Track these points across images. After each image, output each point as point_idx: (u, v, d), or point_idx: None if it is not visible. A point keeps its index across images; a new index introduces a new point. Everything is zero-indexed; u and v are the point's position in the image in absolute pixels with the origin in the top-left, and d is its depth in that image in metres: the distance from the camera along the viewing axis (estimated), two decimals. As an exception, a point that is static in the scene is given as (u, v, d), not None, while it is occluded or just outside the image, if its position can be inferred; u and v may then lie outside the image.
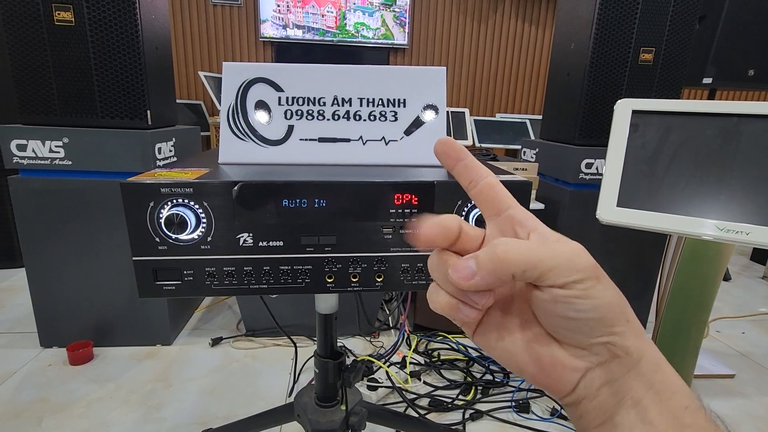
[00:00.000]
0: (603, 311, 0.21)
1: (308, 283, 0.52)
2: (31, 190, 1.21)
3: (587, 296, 0.21)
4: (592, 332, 0.22)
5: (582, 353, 0.22)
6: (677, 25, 1.33)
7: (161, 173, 0.51)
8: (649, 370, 0.22)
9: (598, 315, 0.21)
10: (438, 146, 0.26)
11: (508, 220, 0.25)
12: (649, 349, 0.22)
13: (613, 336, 0.22)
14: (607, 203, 0.98)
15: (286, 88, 0.60)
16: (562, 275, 0.21)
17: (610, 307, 0.22)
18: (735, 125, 0.93)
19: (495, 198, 0.26)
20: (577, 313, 0.21)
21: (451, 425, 1.09)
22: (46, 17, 1.12)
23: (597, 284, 0.22)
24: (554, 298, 0.21)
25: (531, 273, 0.21)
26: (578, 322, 0.22)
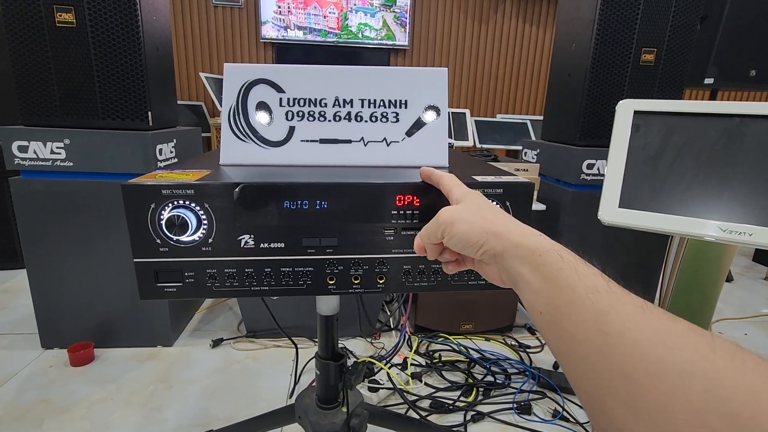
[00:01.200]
0: (464, 240, 0.36)
1: (309, 284, 0.52)
2: (33, 191, 1.21)
3: (451, 236, 0.37)
4: (472, 251, 0.36)
5: (486, 261, 0.37)
6: (679, 25, 1.33)
7: (162, 175, 0.51)
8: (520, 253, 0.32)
9: (463, 242, 0.36)
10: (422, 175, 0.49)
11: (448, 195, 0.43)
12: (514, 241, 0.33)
13: (482, 247, 0.35)
14: (608, 204, 0.97)
15: (288, 89, 0.60)
16: (438, 232, 0.38)
17: (468, 235, 0.36)
18: (738, 126, 0.92)
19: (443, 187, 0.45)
20: (454, 246, 0.38)
21: (452, 427, 1.09)
22: (48, 18, 1.12)
23: (452, 228, 0.37)
24: (445, 244, 0.39)
25: (433, 238, 0.40)
26: (461, 249, 0.38)
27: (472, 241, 0.35)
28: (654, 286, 1.53)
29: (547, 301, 0.29)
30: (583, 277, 0.28)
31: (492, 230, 0.35)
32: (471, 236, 0.35)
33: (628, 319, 0.23)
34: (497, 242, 0.34)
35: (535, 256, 0.31)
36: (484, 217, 0.36)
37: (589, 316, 0.25)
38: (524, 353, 1.42)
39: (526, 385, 1.25)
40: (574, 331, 0.25)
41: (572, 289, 0.27)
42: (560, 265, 0.29)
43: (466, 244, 0.36)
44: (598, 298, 0.26)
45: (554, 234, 1.51)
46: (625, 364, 0.22)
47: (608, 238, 1.46)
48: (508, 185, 0.50)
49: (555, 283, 0.28)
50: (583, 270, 0.28)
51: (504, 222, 0.35)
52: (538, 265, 0.30)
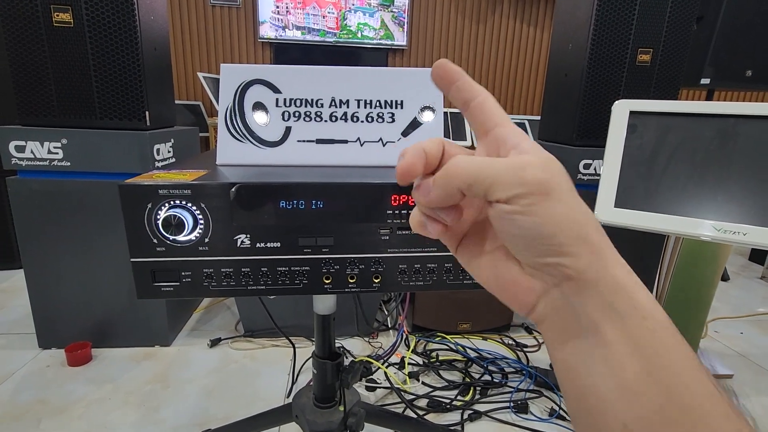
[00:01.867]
0: (547, 229, 0.20)
1: (306, 284, 0.52)
2: (30, 191, 1.21)
3: (529, 212, 0.20)
4: (539, 251, 0.21)
5: (536, 273, 0.22)
6: (675, 25, 1.33)
7: (159, 175, 0.51)
8: (608, 291, 0.20)
9: (542, 232, 0.20)
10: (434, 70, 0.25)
11: (494, 139, 0.24)
12: (610, 271, 0.20)
13: (563, 257, 0.20)
14: (604, 204, 0.98)
15: (284, 89, 0.60)
16: (503, 189, 0.20)
17: (558, 226, 0.20)
18: (732, 126, 0.93)
19: (483, 117, 0.24)
20: (519, 230, 0.21)
21: (449, 426, 1.09)
22: (45, 18, 1.12)
23: (543, 200, 0.20)
24: (498, 213, 0.21)
25: (476, 187, 0.21)
26: (523, 239, 0.21)
27: (555, 239, 0.20)
28: (650, 285, 1.54)
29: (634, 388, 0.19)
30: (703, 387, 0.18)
31: (595, 240, 0.21)
32: (560, 232, 0.20)
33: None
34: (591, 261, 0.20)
35: (637, 316, 0.20)
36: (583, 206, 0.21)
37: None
38: (521, 352, 1.42)
39: (523, 384, 1.26)
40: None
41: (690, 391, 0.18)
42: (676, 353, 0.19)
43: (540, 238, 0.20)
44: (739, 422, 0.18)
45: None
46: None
47: (605, 238, 1.47)
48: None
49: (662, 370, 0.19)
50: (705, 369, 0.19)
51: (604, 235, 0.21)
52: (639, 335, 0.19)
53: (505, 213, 0.21)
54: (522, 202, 0.20)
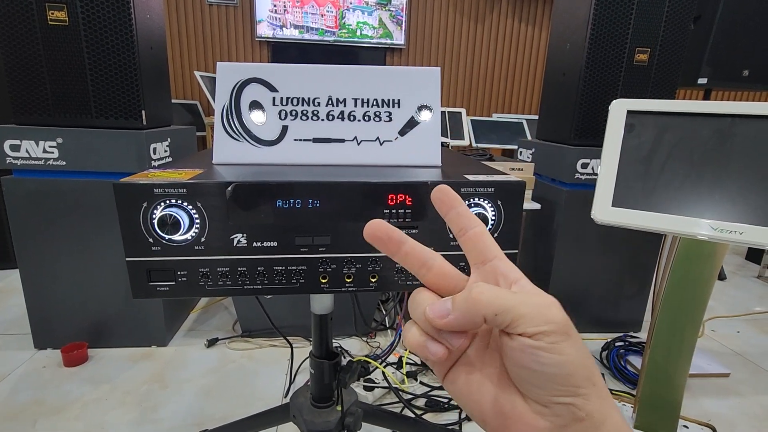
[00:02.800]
0: (568, 368, 0.21)
1: (302, 283, 0.52)
2: (25, 190, 1.20)
3: (553, 350, 0.21)
4: (556, 390, 0.22)
5: (545, 411, 0.22)
6: (672, 25, 1.33)
7: (154, 174, 0.51)
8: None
9: (562, 371, 0.21)
10: (435, 194, 0.27)
11: (493, 270, 0.25)
12: (611, 414, 0.22)
13: (576, 397, 0.21)
14: (602, 203, 0.98)
15: (281, 88, 0.60)
16: (532, 324, 0.21)
17: (575, 366, 0.21)
18: (729, 126, 0.93)
19: (482, 247, 0.26)
20: (541, 366, 0.21)
21: (447, 425, 1.09)
22: (40, 17, 1.11)
23: (566, 340, 0.21)
24: (522, 347, 0.21)
25: (503, 317, 0.21)
26: (542, 376, 0.22)
27: (572, 380, 0.21)
28: (648, 284, 1.54)
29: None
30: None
31: (597, 381, 0.22)
32: (576, 372, 0.21)
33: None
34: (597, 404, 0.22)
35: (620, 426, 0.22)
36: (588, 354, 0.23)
37: None
38: (519, 352, 1.42)
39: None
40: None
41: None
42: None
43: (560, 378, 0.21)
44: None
45: (549, 233, 1.52)
46: None
47: (602, 237, 1.47)
48: (499, 184, 0.50)
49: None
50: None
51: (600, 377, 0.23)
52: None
53: (529, 347, 0.21)
54: (547, 339, 0.21)
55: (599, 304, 1.54)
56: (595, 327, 1.55)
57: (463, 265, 0.52)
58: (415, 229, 0.51)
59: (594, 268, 1.50)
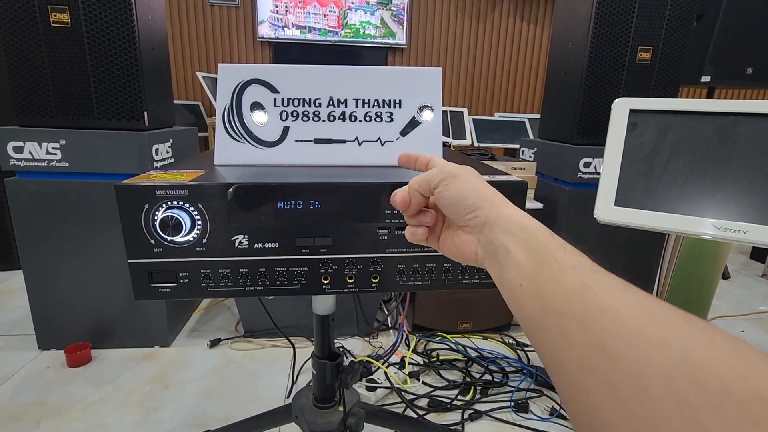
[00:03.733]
0: (461, 195, 0.34)
1: (304, 284, 0.52)
2: (28, 192, 1.21)
3: (448, 188, 0.35)
4: (462, 211, 0.34)
5: (467, 229, 0.35)
6: (675, 23, 1.33)
7: (156, 175, 0.51)
8: (506, 223, 0.32)
9: (458, 198, 0.35)
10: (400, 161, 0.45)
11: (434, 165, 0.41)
12: (505, 211, 0.33)
13: (476, 210, 0.34)
14: (604, 203, 0.98)
15: (282, 89, 0.60)
16: (437, 179, 0.36)
17: (466, 192, 0.34)
18: (732, 124, 0.93)
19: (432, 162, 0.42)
20: (446, 200, 0.36)
21: (450, 425, 1.09)
22: (42, 19, 1.12)
23: (455, 179, 0.35)
24: (436, 195, 0.36)
25: (425, 185, 0.37)
26: (451, 206, 0.35)
27: (468, 201, 0.34)
28: (650, 283, 1.54)
29: (530, 275, 0.28)
30: (570, 254, 0.28)
31: (491, 198, 0.34)
32: (468, 196, 0.34)
33: (611, 294, 0.24)
34: (492, 210, 0.33)
35: (526, 232, 0.31)
36: (485, 185, 0.36)
37: (573, 289, 0.25)
38: (522, 351, 1.42)
39: (524, 383, 1.26)
40: (555, 304, 0.26)
41: (558, 264, 0.27)
42: (548, 242, 0.29)
43: (459, 202, 0.34)
44: (584, 273, 0.26)
45: (551, 232, 1.51)
46: (604, 335, 0.22)
47: (604, 237, 1.47)
48: (501, 184, 0.50)
49: (542, 258, 0.28)
50: (570, 249, 0.29)
51: (502, 198, 0.35)
52: (527, 239, 0.30)
53: (438, 192, 0.36)
54: (444, 183, 0.36)
55: (602, 303, 1.53)
56: (598, 327, 1.54)
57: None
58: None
59: (597, 268, 1.49)
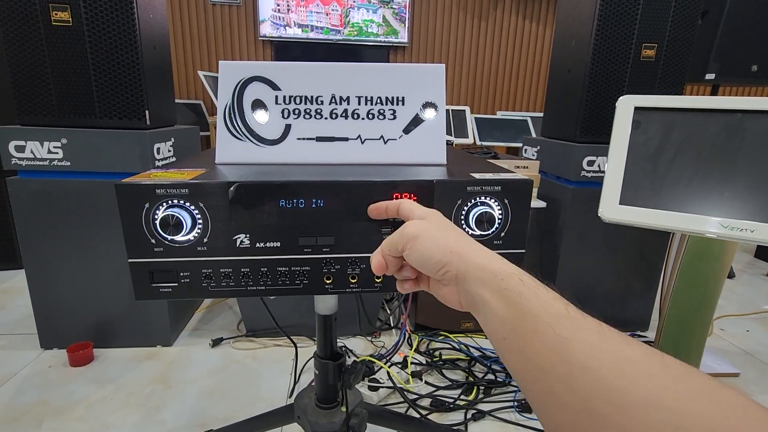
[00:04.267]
0: (426, 256, 0.35)
1: (306, 284, 0.51)
2: (30, 191, 1.21)
3: (412, 252, 0.36)
4: (432, 269, 0.35)
5: (445, 282, 0.36)
6: (679, 20, 1.31)
7: (157, 174, 0.50)
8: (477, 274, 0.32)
9: (425, 257, 0.35)
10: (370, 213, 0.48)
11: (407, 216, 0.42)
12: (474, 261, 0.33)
13: (444, 267, 0.34)
14: (609, 201, 0.97)
15: (283, 86, 0.59)
16: (398, 244, 0.37)
17: (430, 252, 0.35)
18: (739, 121, 0.91)
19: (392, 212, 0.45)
20: (414, 263, 0.37)
21: (452, 426, 1.08)
22: (44, 17, 1.11)
23: (415, 242, 0.36)
24: (405, 258, 0.38)
25: (394, 249, 0.38)
26: (421, 266, 0.36)
27: (434, 260, 0.34)
28: (655, 283, 1.53)
29: (511, 327, 0.28)
30: (543, 302, 0.28)
31: (456, 250, 0.34)
32: (434, 254, 0.35)
33: (590, 348, 0.24)
34: (460, 263, 0.33)
35: (498, 279, 0.30)
36: (447, 235, 0.36)
37: (553, 345, 0.25)
38: (525, 351, 1.41)
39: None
40: (538, 360, 0.25)
41: (534, 317, 0.27)
42: (521, 290, 0.29)
43: (427, 262, 0.35)
44: (560, 324, 0.26)
45: (554, 232, 1.51)
46: (588, 395, 0.22)
47: (609, 236, 1.46)
48: (506, 183, 0.49)
49: (518, 309, 0.28)
50: (543, 295, 0.28)
51: (467, 243, 0.35)
52: (500, 289, 0.30)
53: (405, 256, 0.38)
54: (407, 247, 0.37)
55: (606, 302, 1.52)
56: (602, 326, 1.53)
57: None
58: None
59: (600, 267, 1.49)
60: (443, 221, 0.39)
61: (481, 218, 0.49)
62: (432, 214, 0.40)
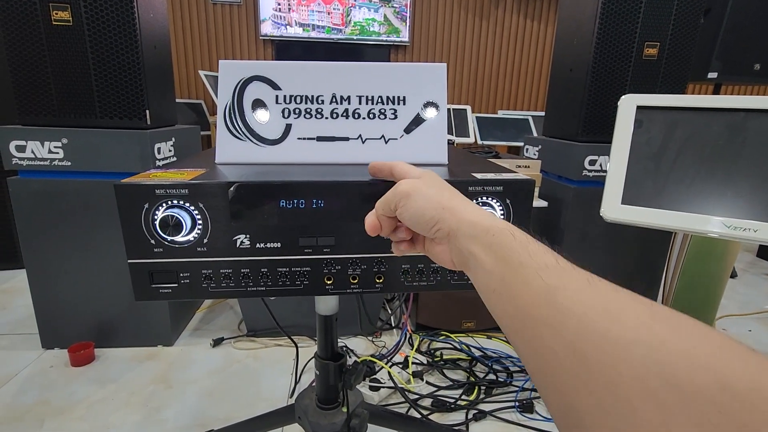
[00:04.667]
0: (419, 211, 0.35)
1: (307, 285, 0.51)
2: (31, 191, 1.20)
3: (405, 210, 0.36)
4: (425, 227, 0.36)
5: (437, 240, 0.36)
6: (682, 19, 1.31)
7: (156, 174, 0.50)
8: (469, 229, 0.32)
9: (417, 214, 0.36)
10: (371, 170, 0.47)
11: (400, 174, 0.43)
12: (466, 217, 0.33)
13: (437, 224, 0.35)
14: (611, 201, 0.96)
15: (284, 86, 0.59)
16: (392, 202, 0.37)
17: (423, 208, 0.35)
18: (742, 120, 0.91)
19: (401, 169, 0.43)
20: (407, 221, 0.37)
21: (454, 426, 1.08)
22: (44, 17, 1.11)
23: (408, 200, 0.36)
24: (398, 216, 0.38)
25: (387, 209, 0.38)
26: (414, 224, 0.37)
27: (426, 217, 0.35)
28: (657, 283, 1.52)
29: (500, 279, 0.29)
30: (533, 254, 0.28)
31: (448, 206, 0.34)
32: (426, 211, 0.35)
33: (576, 293, 0.24)
34: (452, 219, 0.34)
35: (489, 235, 0.31)
36: (441, 193, 0.36)
37: (541, 292, 0.26)
38: (526, 351, 1.41)
39: (529, 383, 1.25)
40: (527, 308, 0.26)
41: (524, 267, 0.28)
42: (512, 244, 0.29)
43: (420, 219, 0.35)
44: (548, 274, 0.26)
45: (556, 231, 1.50)
46: (574, 338, 0.22)
47: (610, 235, 1.45)
48: (508, 183, 0.49)
49: (507, 262, 0.29)
50: (533, 248, 0.29)
51: (460, 201, 0.36)
52: (491, 243, 0.30)
53: (398, 214, 0.38)
54: (401, 204, 0.37)
55: (607, 302, 1.51)
56: (604, 326, 1.52)
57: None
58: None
59: (601, 267, 1.48)
60: (437, 179, 0.39)
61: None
62: (426, 173, 0.40)
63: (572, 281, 0.25)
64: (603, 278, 0.26)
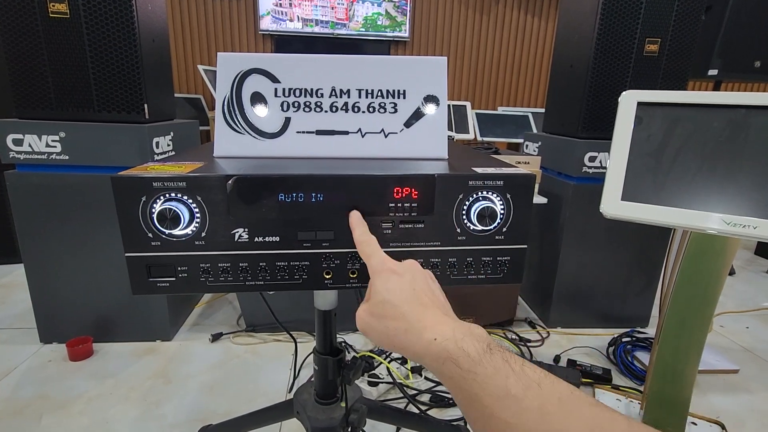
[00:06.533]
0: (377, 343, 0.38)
1: (305, 279, 0.50)
2: (29, 185, 1.20)
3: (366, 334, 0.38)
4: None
5: None
6: (683, 15, 1.30)
7: (154, 167, 0.50)
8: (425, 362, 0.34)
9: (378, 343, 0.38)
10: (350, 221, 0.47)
11: None
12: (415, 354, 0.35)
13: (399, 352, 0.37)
14: (611, 197, 0.96)
15: (283, 79, 0.58)
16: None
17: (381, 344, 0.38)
18: (743, 117, 0.91)
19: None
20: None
21: (452, 421, 1.08)
22: (41, 9, 1.10)
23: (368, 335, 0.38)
24: None
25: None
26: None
27: (386, 347, 0.37)
28: (656, 280, 1.52)
29: (462, 406, 0.32)
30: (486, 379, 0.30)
31: (398, 345, 0.36)
32: (384, 345, 0.37)
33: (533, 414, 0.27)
34: (406, 353, 0.35)
35: (439, 364, 0.32)
36: (386, 327, 0.36)
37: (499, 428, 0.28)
38: (525, 347, 1.41)
39: (527, 379, 1.25)
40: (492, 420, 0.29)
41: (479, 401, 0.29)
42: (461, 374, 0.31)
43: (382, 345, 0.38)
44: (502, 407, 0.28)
45: (555, 228, 1.50)
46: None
47: (610, 232, 1.45)
48: (508, 177, 0.48)
49: (463, 393, 0.31)
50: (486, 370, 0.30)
51: (405, 331, 0.35)
52: (443, 375, 0.32)
53: None
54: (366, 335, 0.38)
55: (606, 299, 1.52)
56: (602, 322, 1.53)
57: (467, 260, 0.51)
58: (421, 224, 0.49)
59: (601, 263, 1.48)
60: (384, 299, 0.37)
61: (483, 213, 0.48)
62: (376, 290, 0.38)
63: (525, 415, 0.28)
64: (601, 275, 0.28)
